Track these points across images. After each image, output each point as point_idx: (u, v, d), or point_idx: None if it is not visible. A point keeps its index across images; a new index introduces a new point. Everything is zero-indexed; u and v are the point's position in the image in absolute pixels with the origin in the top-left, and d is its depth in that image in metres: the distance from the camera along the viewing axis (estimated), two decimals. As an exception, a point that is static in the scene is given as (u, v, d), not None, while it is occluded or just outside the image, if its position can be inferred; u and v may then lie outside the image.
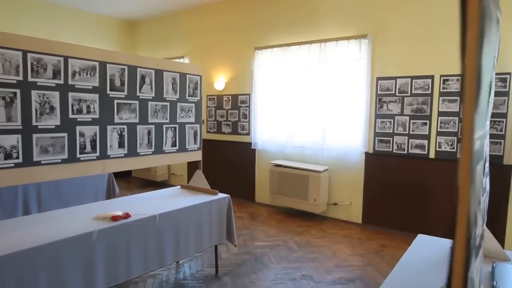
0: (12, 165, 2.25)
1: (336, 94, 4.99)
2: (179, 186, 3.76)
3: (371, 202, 4.86)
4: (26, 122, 2.30)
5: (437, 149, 4.34)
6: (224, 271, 3.55)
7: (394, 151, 4.64)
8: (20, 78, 2.26)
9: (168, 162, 3.25)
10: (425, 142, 4.42)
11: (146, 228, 2.71)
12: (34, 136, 2.34)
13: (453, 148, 4.25)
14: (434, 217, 4.41)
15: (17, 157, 2.26)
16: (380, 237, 4.55)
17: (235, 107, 6.16)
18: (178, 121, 3.31)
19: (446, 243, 2.37)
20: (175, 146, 3.31)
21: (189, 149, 3.46)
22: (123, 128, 2.86)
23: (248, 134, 6.03)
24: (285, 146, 5.48)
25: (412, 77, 4.46)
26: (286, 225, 4.94)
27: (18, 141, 2.26)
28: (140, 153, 3.01)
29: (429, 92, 4.36)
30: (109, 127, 2.76)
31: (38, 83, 2.34)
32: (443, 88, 4.27)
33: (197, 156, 3.57)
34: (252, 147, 5.90)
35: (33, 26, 6.20)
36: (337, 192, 5.12)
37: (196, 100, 3.48)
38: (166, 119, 3.20)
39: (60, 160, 2.48)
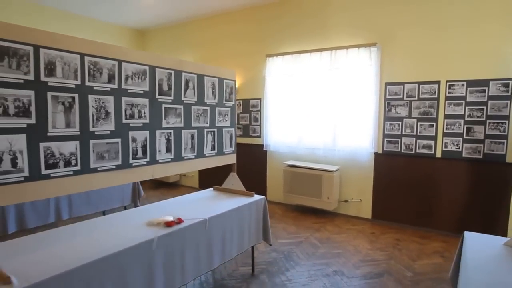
0: (71, 172, 1.95)
1: (346, 99, 4.85)
2: (212, 188, 3.50)
3: (380, 198, 4.74)
4: (84, 128, 2.01)
5: (444, 149, 4.26)
6: (259, 269, 3.32)
7: (402, 151, 4.54)
8: (78, 82, 1.97)
9: (208, 166, 2.99)
10: (432, 142, 4.34)
11: (197, 233, 2.45)
12: (91, 142, 2.05)
13: (459, 148, 4.17)
14: (439, 212, 4.33)
15: (76, 164, 1.97)
16: (391, 231, 4.43)
17: (246, 111, 5.92)
18: (216, 125, 3.06)
19: (496, 240, 2.22)
20: (214, 149, 3.06)
21: (225, 152, 3.21)
22: (170, 133, 2.59)
23: (259, 136, 5.81)
24: (297, 147, 5.30)
25: (419, 83, 4.37)
26: (302, 222, 4.75)
27: (76, 148, 1.97)
28: (185, 158, 2.75)
29: (436, 96, 4.28)
30: (157, 132, 2.49)
31: (94, 88, 2.05)
32: (449, 93, 4.20)
33: (232, 159, 3.32)
34: (264, 149, 5.69)
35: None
36: (348, 190, 4.98)
37: (231, 105, 3.24)
38: (207, 123, 2.95)
39: (114, 167, 2.19)
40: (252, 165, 5.85)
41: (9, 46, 1.67)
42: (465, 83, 4.09)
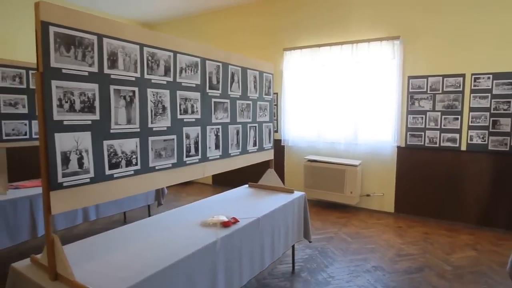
0: (132, 172, 1.79)
1: (367, 93, 4.75)
2: (247, 185, 3.36)
3: (404, 192, 4.67)
4: (143, 124, 1.84)
5: (469, 141, 4.21)
6: (298, 267, 3.21)
7: (426, 145, 4.47)
8: (138, 74, 1.80)
9: (251, 162, 2.85)
10: (457, 135, 4.28)
11: (252, 233, 2.31)
12: (150, 139, 1.88)
13: (484, 141, 4.13)
14: (465, 204, 4.29)
15: (136, 163, 1.81)
16: (417, 225, 4.37)
17: (262, 106, 5.76)
18: (257, 120, 2.91)
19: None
20: (256, 145, 2.92)
21: (265, 148, 3.07)
22: (218, 129, 2.44)
23: (276, 131, 5.67)
24: (316, 142, 5.19)
25: (444, 76, 4.30)
26: (327, 217, 4.65)
27: (136, 146, 1.80)
28: (231, 154, 2.60)
29: (461, 89, 4.22)
30: (208, 128, 2.33)
31: (152, 81, 1.89)
32: (474, 86, 4.14)
33: (270, 155, 3.19)
34: (282, 144, 5.56)
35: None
36: (370, 184, 4.90)
37: (270, 99, 3.09)
38: (249, 118, 2.80)
39: (170, 165, 2.04)
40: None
41: (75, 35, 1.49)
42: (491, 76, 4.03)
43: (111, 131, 1.67)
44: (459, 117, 4.24)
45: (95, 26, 1.57)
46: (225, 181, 6.26)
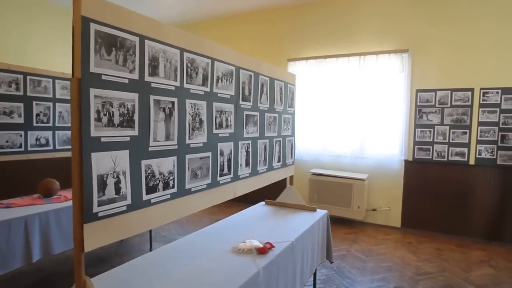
0: (169, 196, 1.53)
1: (375, 105, 4.66)
2: (263, 203, 3.11)
3: (411, 206, 4.57)
4: (181, 140, 1.59)
5: (477, 156, 4.17)
6: (318, 289, 2.99)
7: (434, 159, 4.40)
8: (178, 83, 1.55)
9: (275, 179, 2.62)
10: (465, 150, 4.23)
11: (286, 258, 2.08)
12: (187, 157, 1.63)
13: (493, 155, 4.09)
14: (473, 219, 4.22)
15: (173, 186, 1.55)
16: (426, 240, 4.26)
17: (264, 117, 5.56)
18: (282, 134, 2.70)
19: None
20: (280, 161, 2.70)
21: (287, 164, 2.86)
22: (249, 144, 2.21)
23: (278, 143, 5.47)
24: (321, 155, 5.02)
25: (452, 90, 4.26)
26: (334, 233, 4.46)
27: (174, 165, 1.54)
28: (259, 171, 2.37)
29: (469, 103, 4.18)
30: (239, 143, 2.10)
31: (191, 91, 1.64)
32: (483, 100, 4.11)
33: (292, 170, 2.97)
34: (285, 157, 5.36)
35: (47, 32, 5.10)
36: (376, 198, 4.77)
37: (293, 111, 2.89)
38: (275, 132, 2.58)
39: (205, 186, 1.78)
40: (270, 173, 5.49)
41: (117, 36, 1.24)
42: (500, 90, 4.02)
43: (150, 149, 1.41)
44: (468, 131, 4.20)
45: (138, 25, 1.33)
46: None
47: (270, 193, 3.67)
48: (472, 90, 4.16)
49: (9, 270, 2.50)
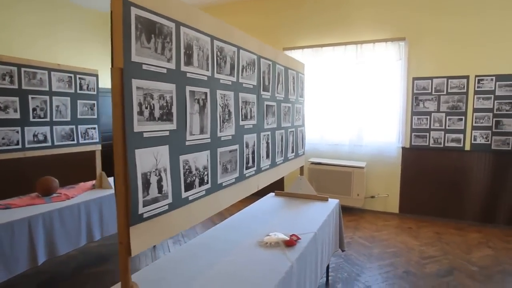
0: (204, 192, 1.45)
1: (372, 94, 4.66)
2: (273, 194, 3.07)
3: (408, 192, 4.65)
4: (213, 133, 1.51)
5: (473, 142, 4.27)
6: (330, 278, 2.99)
7: (430, 145, 4.48)
8: (209, 73, 1.46)
9: (290, 170, 2.57)
10: (461, 136, 4.32)
11: (311, 250, 2.05)
12: (219, 151, 1.55)
13: (488, 141, 4.20)
14: (469, 203, 4.34)
15: (207, 181, 1.47)
16: (425, 224, 4.35)
17: (260, 108, 5.48)
18: (294, 124, 2.65)
19: None
20: (293, 152, 2.65)
21: (299, 154, 2.82)
22: (268, 135, 2.14)
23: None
24: (319, 144, 5.02)
25: (448, 77, 4.32)
26: (336, 221, 4.49)
27: (207, 159, 1.46)
28: (277, 163, 2.31)
29: (465, 91, 4.26)
30: (261, 135, 2.03)
31: (221, 81, 1.55)
32: (478, 87, 4.19)
33: (302, 161, 2.93)
34: (283, 147, 5.31)
35: (30, 19, 4.78)
36: (374, 185, 4.83)
37: (303, 101, 2.84)
38: (289, 122, 2.53)
39: (234, 180, 1.71)
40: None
41: (156, 21, 1.13)
42: (494, 77, 4.10)
43: (187, 143, 1.32)
44: (463, 117, 4.29)
45: (174, 11, 1.22)
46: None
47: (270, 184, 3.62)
48: (467, 77, 4.23)
49: (14, 275, 2.36)
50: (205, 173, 1.45)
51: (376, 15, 4.58)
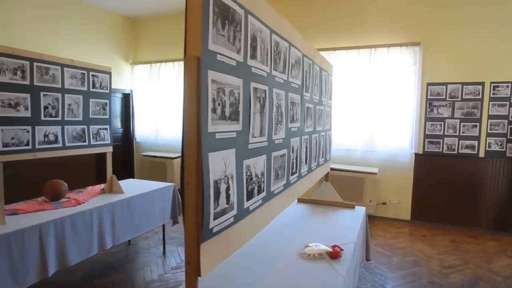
0: (261, 201, 1.30)
1: (385, 98, 4.58)
2: (295, 201, 2.92)
3: (421, 199, 4.56)
4: (269, 135, 1.35)
5: (487, 148, 4.21)
6: (355, 289, 2.85)
7: (444, 152, 4.40)
8: (268, 69, 1.31)
9: (319, 176, 2.43)
10: (475, 142, 4.26)
11: (353, 261, 1.91)
12: (273, 155, 1.40)
13: (503, 148, 4.15)
14: (483, 210, 4.27)
15: (263, 189, 1.31)
16: (439, 232, 4.26)
17: (269, 111, 5.34)
18: (324, 127, 2.51)
19: None
20: (323, 156, 2.51)
21: (327, 159, 2.68)
22: (307, 139, 2.00)
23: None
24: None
25: (463, 83, 4.26)
26: (349, 228, 4.36)
27: (264, 164, 1.31)
28: (312, 168, 2.17)
29: (480, 97, 4.20)
30: (302, 138, 1.88)
31: (276, 78, 1.41)
32: (493, 94, 4.15)
33: (329, 166, 2.80)
34: (292, 151, 5.18)
35: (33, 14, 4.55)
36: (386, 191, 4.73)
37: (331, 104, 2.70)
38: (321, 126, 2.39)
39: (282, 187, 1.56)
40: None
41: (229, 6, 0.98)
42: (510, 84, 4.06)
43: (249, 146, 1.17)
44: (478, 124, 4.23)
45: (244, -5, 1.07)
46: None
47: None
48: (482, 84, 4.18)
49: (24, 287, 2.14)
50: (262, 180, 1.29)
51: (391, 19, 4.51)
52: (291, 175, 1.69)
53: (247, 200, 1.17)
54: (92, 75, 2.89)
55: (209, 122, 0.91)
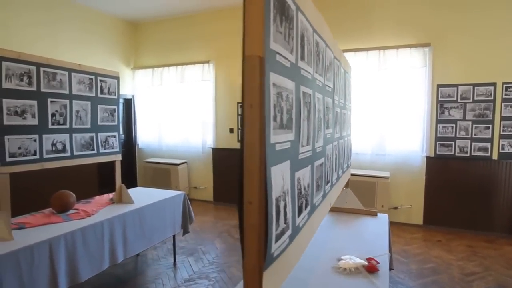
0: (307, 217, 1.18)
1: (395, 101, 4.50)
2: (314, 208, 2.80)
3: (433, 203, 4.47)
4: (313, 143, 1.24)
5: (500, 151, 4.14)
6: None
7: (456, 154, 4.33)
8: (312, 71, 1.21)
9: (343, 184, 2.32)
10: (488, 145, 4.19)
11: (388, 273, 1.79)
12: (315, 164, 1.29)
13: (516, 149, 4.08)
14: (498, 214, 4.19)
15: (308, 203, 1.20)
16: (454, 237, 4.17)
17: (275, 115, 5.23)
18: (347, 132, 2.41)
19: None
20: (346, 162, 2.40)
21: (349, 165, 2.57)
22: (336, 145, 1.89)
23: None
24: (340, 153, 4.79)
25: (474, 85, 4.20)
26: (362, 234, 4.25)
27: (309, 176, 1.20)
28: (340, 176, 2.06)
29: (492, 98, 4.14)
30: (333, 145, 1.77)
31: (317, 82, 1.30)
32: (505, 95, 4.08)
33: (349, 172, 2.69)
34: (300, 156, 5.07)
35: (32, 17, 4.42)
36: (397, 196, 4.63)
37: (351, 107, 2.60)
38: (345, 130, 2.28)
39: (321, 199, 1.44)
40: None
41: (285, 1, 0.87)
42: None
43: (299, 156, 1.05)
44: (490, 126, 4.16)
45: (298, -11, 0.96)
46: (226, 198, 5.61)
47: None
48: (494, 84, 4.12)
49: (34, 308, 2.00)
50: (308, 192, 1.18)
51: (400, 20, 4.44)
52: (326, 184, 1.57)
53: (298, 216, 1.05)
54: (100, 80, 2.76)
55: (271, 131, 0.79)
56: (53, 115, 2.38)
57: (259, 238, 0.77)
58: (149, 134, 6.15)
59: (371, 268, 1.65)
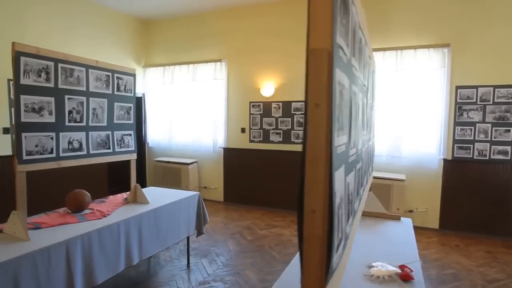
0: (351, 222, 1.10)
1: (412, 102, 4.40)
2: (334, 211, 2.72)
3: (450, 207, 4.37)
4: (356, 144, 1.16)
5: (521, 154, 4.04)
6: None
7: (474, 157, 4.22)
8: (358, 68, 1.12)
9: (368, 187, 2.24)
10: (508, 148, 4.08)
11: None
12: (357, 167, 1.21)
13: (537, 153, 3.97)
14: (516, 218, 4.09)
15: (353, 208, 1.12)
16: (472, 242, 4.07)
17: (288, 114, 5.17)
18: (373, 133, 2.33)
19: None
20: (371, 166, 2.32)
21: (373, 168, 2.49)
22: (367, 147, 1.81)
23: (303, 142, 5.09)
24: (354, 154, 4.71)
25: (495, 86, 4.09)
26: (377, 238, 4.17)
27: (354, 180, 1.12)
28: (368, 178, 1.98)
29: (513, 100, 4.03)
30: (364, 147, 1.69)
31: (359, 80, 1.22)
32: (527, 97, 3.98)
33: (372, 175, 2.61)
34: (313, 157, 4.99)
35: (45, 12, 4.38)
36: (413, 199, 4.54)
37: (374, 106, 2.52)
38: (372, 132, 2.20)
39: (358, 204, 1.37)
40: (292, 175, 5.12)
41: (350, -12, 0.80)
42: None
43: (349, 159, 0.98)
44: (511, 129, 4.05)
45: (355, -21, 0.89)
46: (237, 198, 5.54)
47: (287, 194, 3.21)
48: (516, 86, 4.01)
49: (50, 312, 1.94)
50: (353, 198, 1.10)
51: (418, 20, 4.34)
52: (361, 188, 1.50)
53: (347, 223, 0.98)
54: (117, 77, 2.70)
55: (335, 133, 0.72)
56: (70, 112, 2.33)
57: (321, 250, 0.70)
58: (159, 133, 6.10)
59: (405, 277, 1.57)
